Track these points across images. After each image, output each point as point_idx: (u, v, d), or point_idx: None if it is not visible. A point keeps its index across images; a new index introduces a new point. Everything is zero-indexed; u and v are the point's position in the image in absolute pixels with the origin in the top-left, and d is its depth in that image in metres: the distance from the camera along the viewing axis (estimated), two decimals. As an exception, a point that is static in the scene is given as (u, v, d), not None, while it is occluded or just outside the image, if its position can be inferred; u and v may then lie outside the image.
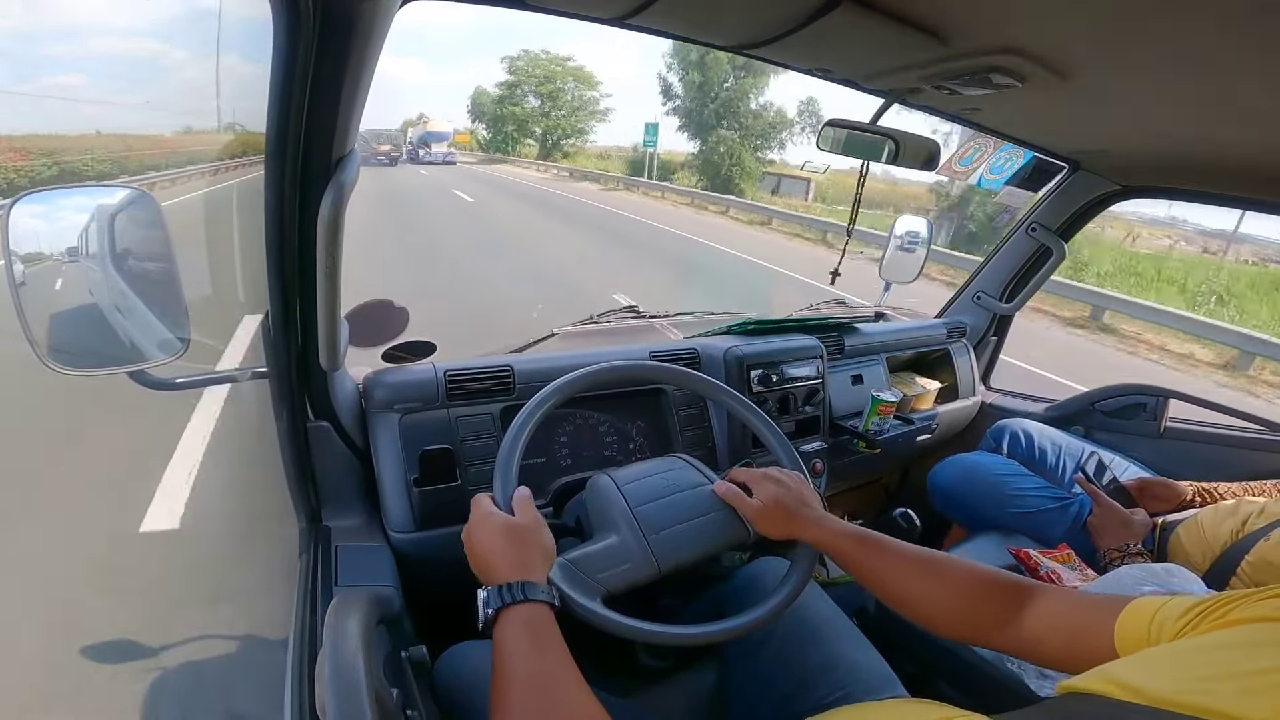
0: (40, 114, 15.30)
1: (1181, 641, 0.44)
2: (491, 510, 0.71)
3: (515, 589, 0.61)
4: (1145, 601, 0.51)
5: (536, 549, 0.68)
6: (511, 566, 0.65)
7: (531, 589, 0.62)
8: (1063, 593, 0.63)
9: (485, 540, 0.68)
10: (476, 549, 0.68)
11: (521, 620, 0.60)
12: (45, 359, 0.72)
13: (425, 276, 7.08)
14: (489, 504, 0.72)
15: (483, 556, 0.67)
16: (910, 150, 1.13)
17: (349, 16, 0.58)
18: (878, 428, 1.52)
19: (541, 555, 0.68)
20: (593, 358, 1.20)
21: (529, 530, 0.69)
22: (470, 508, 0.73)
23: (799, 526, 0.78)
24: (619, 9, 0.76)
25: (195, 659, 1.65)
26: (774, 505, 0.79)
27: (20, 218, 0.71)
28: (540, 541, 0.69)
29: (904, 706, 0.69)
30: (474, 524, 0.70)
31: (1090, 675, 0.42)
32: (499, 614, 0.60)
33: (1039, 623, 0.60)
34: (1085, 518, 1.35)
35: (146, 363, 0.79)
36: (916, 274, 1.90)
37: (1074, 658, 0.56)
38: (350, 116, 0.67)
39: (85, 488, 2.49)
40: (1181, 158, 1.23)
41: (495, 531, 0.68)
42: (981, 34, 0.75)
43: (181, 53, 33.51)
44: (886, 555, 0.72)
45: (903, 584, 0.71)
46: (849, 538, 0.74)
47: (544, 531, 0.71)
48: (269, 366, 0.88)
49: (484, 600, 0.62)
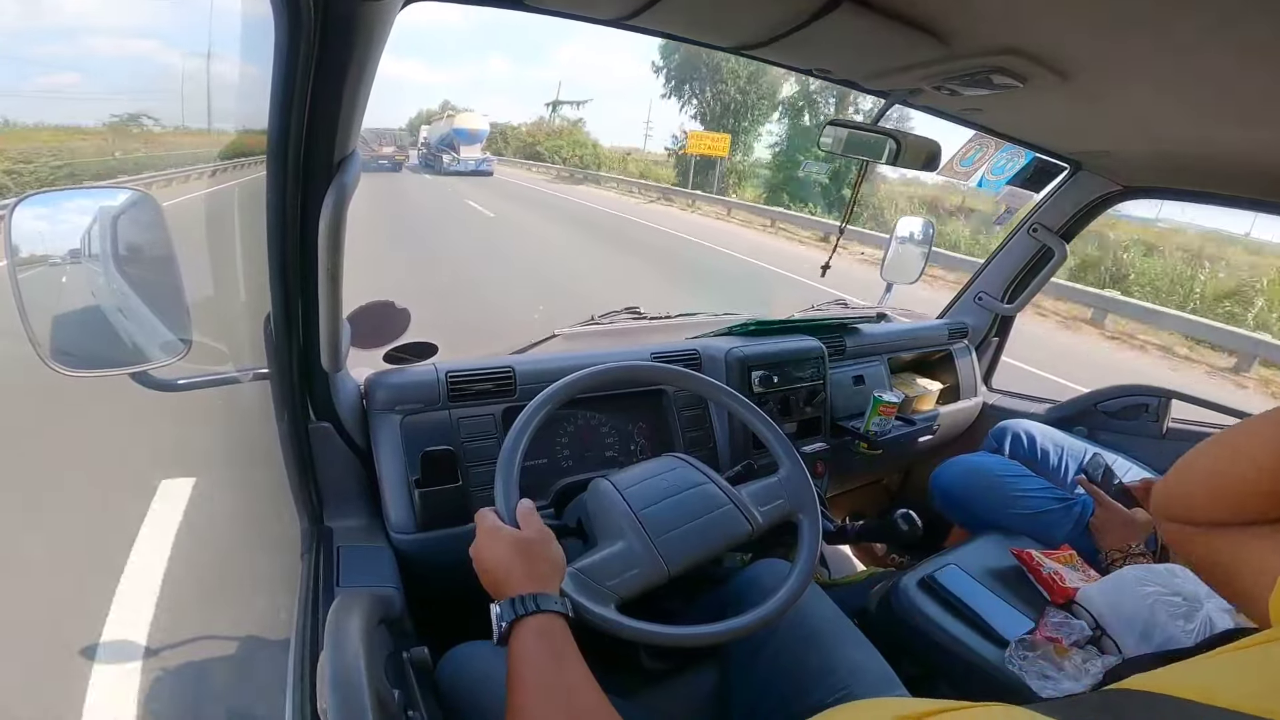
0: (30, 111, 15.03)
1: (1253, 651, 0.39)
2: (498, 525, 0.70)
3: (529, 601, 0.61)
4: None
5: (547, 562, 0.68)
6: (523, 580, 0.64)
7: (545, 600, 0.62)
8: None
9: (495, 556, 0.67)
10: (488, 565, 0.67)
11: (536, 631, 0.60)
12: (48, 360, 0.72)
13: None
14: (494, 519, 0.71)
15: (494, 572, 0.66)
16: (911, 150, 1.13)
17: (350, 17, 0.58)
18: (879, 428, 1.52)
19: (553, 567, 0.68)
20: (594, 359, 1.20)
21: (538, 543, 0.69)
22: (475, 522, 0.72)
23: None
24: (619, 10, 0.76)
25: (196, 659, 1.65)
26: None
27: (23, 219, 0.71)
28: (551, 554, 0.69)
29: (909, 704, 0.69)
30: (482, 541, 0.70)
31: (1146, 677, 0.39)
32: (514, 626, 0.60)
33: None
34: (1087, 519, 1.35)
35: (148, 364, 0.79)
36: (918, 275, 1.90)
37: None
38: (351, 118, 0.67)
39: (85, 488, 2.49)
40: (1182, 158, 1.23)
41: (505, 547, 0.68)
42: (982, 35, 0.75)
43: (180, 52, 33.22)
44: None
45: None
46: None
47: (553, 544, 0.70)
48: (271, 367, 0.88)
49: (498, 614, 0.62)
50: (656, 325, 1.60)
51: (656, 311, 1.63)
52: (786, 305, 1.89)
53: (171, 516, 2.31)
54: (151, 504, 2.38)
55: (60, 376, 0.75)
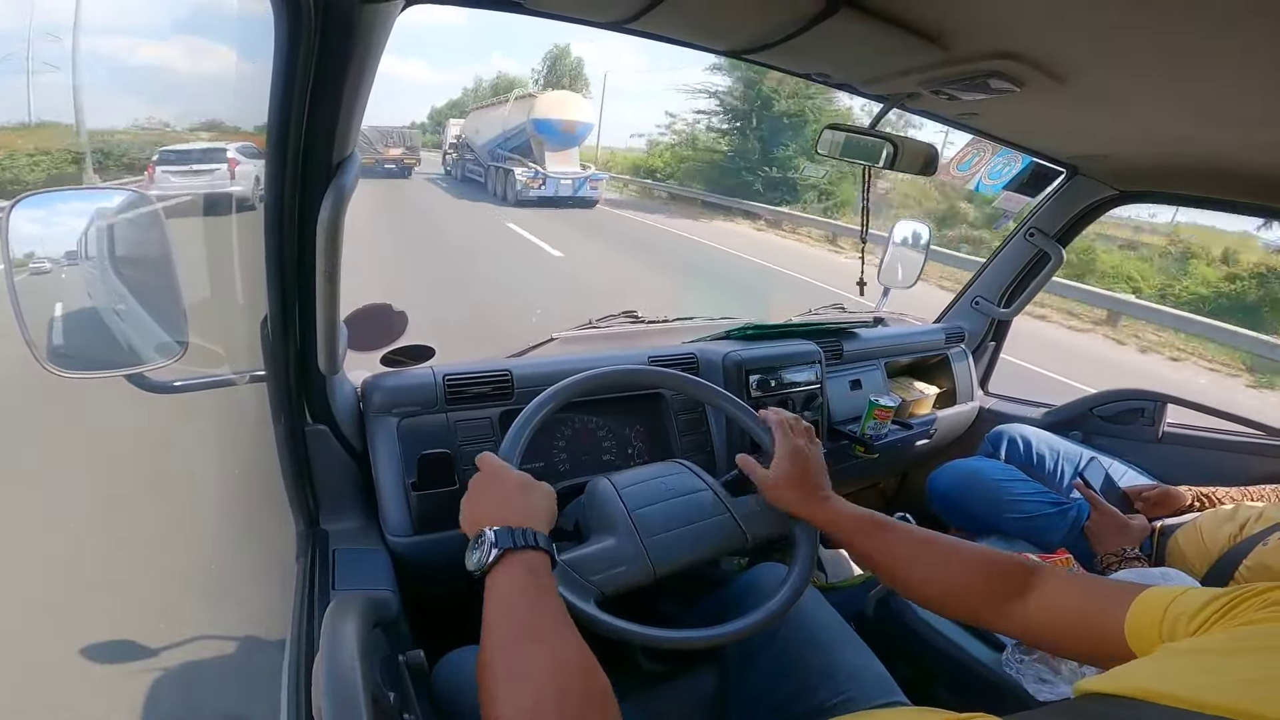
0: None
1: (1199, 641, 0.43)
2: (504, 464, 0.73)
3: (527, 533, 0.61)
4: (1157, 593, 0.51)
5: (545, 506, 0.69)
6: (522, 514, 0.65)
7: (542, 537, 0.62)
8: (1068, 578, 0.62)
9: (499, 486, 0.68)
10: (489, 492, 0.68)
11: (525, 564, 0.60)
12: (44, 362, 0.72)
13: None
14: (499, 459, 0.74)
15: (493, 499, 0.67)
16: (908, 154, 1.13)
17: (350, 18, 0.58)
18: (874, 432, 1.52)
19: (547, 513, 0.69)
20: (591, 362, 1.20)
21: (540, 488, 0.71)
22: (477, 463, 0.74)
23: (813, 503, 0.79)
24: (619, 14, 0.76)
25: (193, 661, 1.64)
26: (799, 476, 0.81)
27: (19, 221, 0.71)
28: (548, 502, 0.70)
29: (905, 715, 0.69)
30: (485, 473, 0.71)
31: (1107, 677, 0.42)
32: (504, 555, 0.60)
33: (1045, 608, 0.60)
34: (1083, 523, 1.35)
35: (145, 366, 0.79)
36: (915, 279, 1.91)
37: (1081, 645, 0.56)
38: (351, 119, 0.67)
39: (82, 488, 2.48)
40: (1179, 162, 1.23)
41: (511, 481, 0.69)
42: (980, 39, 0.75)
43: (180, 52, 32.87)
44: (891, 535, 0.74)
45: (908, 564, 0.72)
46: (856, 518, 0.76)
47: (552, 498, 0.71)
48: (267, 370, 0.87)
49: (490, 540, 0.60)
50: (654, 329, 1.60)
51: (654, 315, 1.63)
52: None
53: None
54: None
55: (56, 378, 0.75)
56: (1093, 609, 0.55)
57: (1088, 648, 0.56)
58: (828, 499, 0.79)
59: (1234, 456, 1.55)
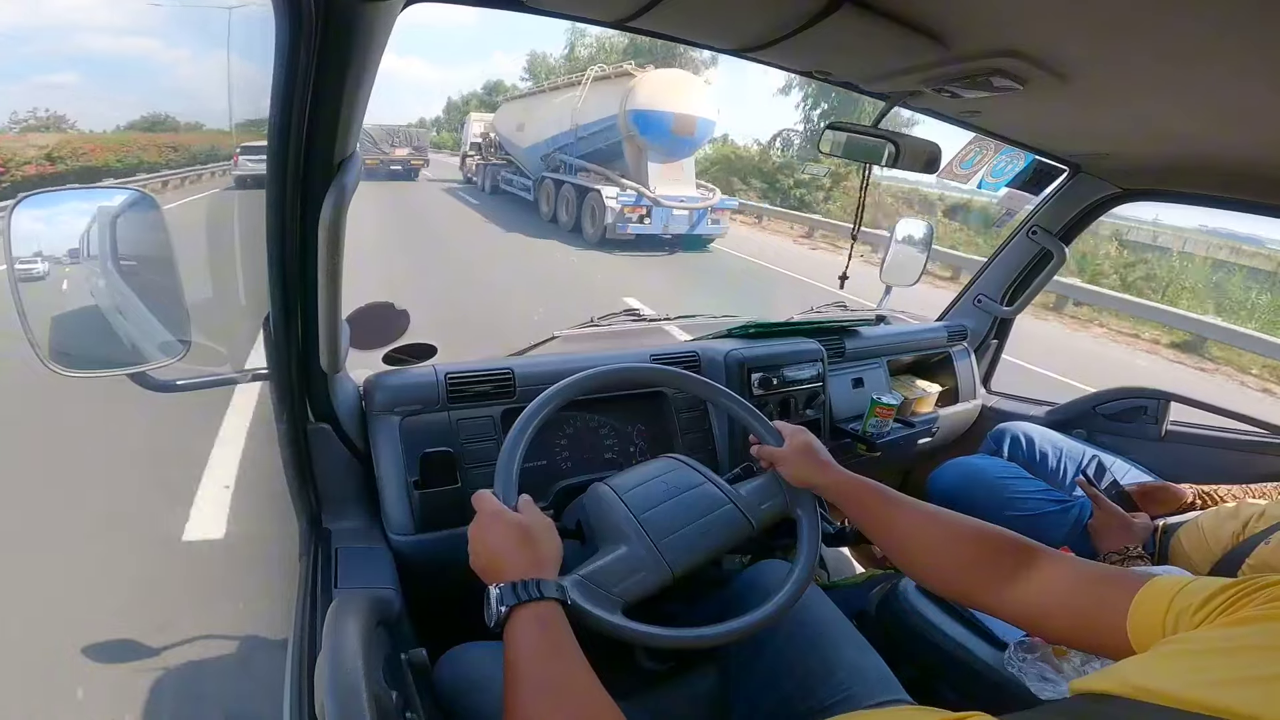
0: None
1: (1198, 637, 0.43)
2: (501, 507, 0.70)
3: (531, 586, 0.60)
4: (1162, 583, 0.50)
5: (548, 549, 0.67)
6: (525, 565, 0.63)
7: (546, 586, 0.61)
8: (1070, 562, 0.61)
9: (497, 537, 0.66)
10: (489, 545, 0.66)
11: (536, 618, 0.59)
12: (46, 361, 0.72)
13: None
14: (495, 501, 0.70)
15: (494, 553, 0.65)
16: (910, 153, 1.13)
17: (351, 18, 0.58)
18: (876, 430, 1.52)
19: (553, 556, 0.67)
20: (593, 361, 1.20)
21: (541, 530, 0.68)
22: (474, 505, 0.71)
23: (823, 471, 0.83)
24: (619, 12, 0.76)
25: (195, 660, 1.65)
26: (808, 449, 0.85)
27: (22, 220, 0.71)
28: (552, 543, 0.69)
29: (902, 714, 0.69)
30: (484, 521, 0.68)
31: (1103, 675, 0.42)
32: (513, 611, 0.59)
33: (1046, 594, 0.59)
34: (1086, 521, 1.35)
35: (147, 365, 0.79)
36: (917, 277, 1.90)
37: (1083, 635, 0.55)
38: (352, 118, 0.67)
39: (85, 488, 2.49)
40: (1182, 160, 1.23)
41: (508, 529, 0.67)
42: (982, 37, 0.75)
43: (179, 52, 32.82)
44: (895, 505, 0.76)
45: (908, 533, 0.73)
46: (862, 486, 0.79)
47: (554, 534, 0.70)
48: (270, 368, 0.88)
49: (496, 597, 0.60)
50: (655, 327, 1.60)
51: (657, 313, 1.63)
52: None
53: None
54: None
55: (58, 377, 0.75)
56: (1096, 599, 0.54)
57: (1088, 638, 0.55)
58: (833, 466, 0.83)
59: (1237, 454, 1.54)
